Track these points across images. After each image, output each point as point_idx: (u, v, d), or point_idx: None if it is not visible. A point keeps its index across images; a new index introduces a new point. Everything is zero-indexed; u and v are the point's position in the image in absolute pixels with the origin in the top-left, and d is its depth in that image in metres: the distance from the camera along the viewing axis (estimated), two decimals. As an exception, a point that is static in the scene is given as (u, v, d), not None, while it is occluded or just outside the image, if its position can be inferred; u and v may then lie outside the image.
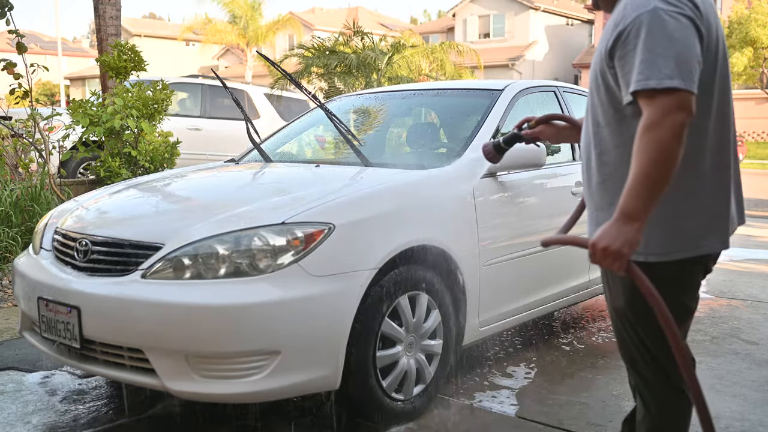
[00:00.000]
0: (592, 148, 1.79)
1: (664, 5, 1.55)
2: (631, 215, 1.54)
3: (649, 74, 1.53)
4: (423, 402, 2.74)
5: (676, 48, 1.52)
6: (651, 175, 1.52)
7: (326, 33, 23.32)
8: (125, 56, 6.20)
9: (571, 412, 2.83)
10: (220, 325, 2.23)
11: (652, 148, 1.52)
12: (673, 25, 1.54)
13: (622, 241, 1.55)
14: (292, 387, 2.34)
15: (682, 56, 1.52)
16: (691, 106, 1.52)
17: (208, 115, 9.31)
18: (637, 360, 1.86)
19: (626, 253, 1.56)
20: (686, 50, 1.53)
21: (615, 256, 1.57)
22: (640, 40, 1.56)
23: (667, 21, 1.54)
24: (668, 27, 1.54)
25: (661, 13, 1.55)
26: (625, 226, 1.55)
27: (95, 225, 2.75)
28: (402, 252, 2.57)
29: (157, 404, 2.88)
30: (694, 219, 1.69)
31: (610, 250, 1.56)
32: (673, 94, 1.51)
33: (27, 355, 3.46)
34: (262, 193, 2.96)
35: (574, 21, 35.45)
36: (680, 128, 1.51)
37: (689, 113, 1.52)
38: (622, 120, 1.68)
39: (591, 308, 4.59)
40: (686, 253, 1.70)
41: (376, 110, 4.04)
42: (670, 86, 1.50)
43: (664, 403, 1.85)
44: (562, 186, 3.51)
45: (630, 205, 1.54)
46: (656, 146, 1.51)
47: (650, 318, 1.70)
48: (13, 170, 6.05)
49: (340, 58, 13.55)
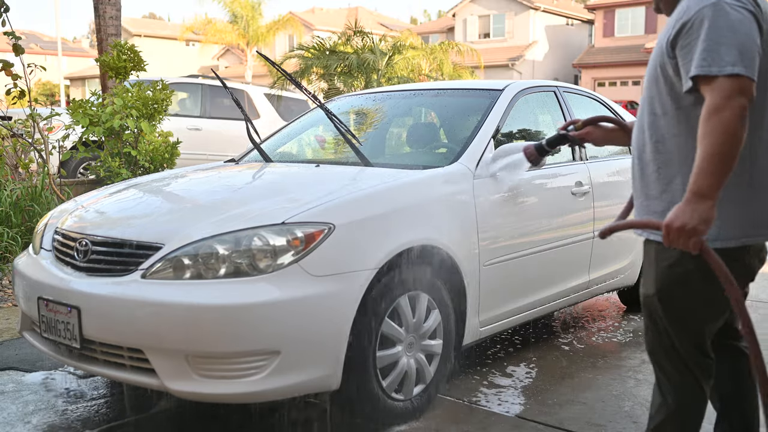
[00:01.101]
0: (647, 138, 1.86)
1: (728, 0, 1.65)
2: (704, 193, 1.62)
3: (711, 61, 1.62)
4: (423, 402, 2.74)
5: (739, 38, 1.62)
6: (719, 155, 1.61)
7: (326, 33, 23.33)
8: (125, 56, 6.20)
9: (571, 412, 2.83)
10: (220, 325, 2.23)
11: (718, 131, 1.60)
12: (736, 16, 1.64)
13: (697, 219, 1.62)
14: (292, 387, 2.34)
15: (745, 45, 1.62)
16: (752, 91, 1.62)
17: (208, 115, 9.30)
18: (657, 350, 1.91)
19: (701, 230, 1.63)
20: (748, 40, 1.63)
21: (690, 234, 1.63)
22: (703, 30, 1.65)
23: (731, 13, 1.64)
24: (731, 18, 1.64)
25: (725, 5, 1.65)
26: (698, 204, 1.63)
27: (95, 225, 2.75)
28: (402, 252, 2.57)
29: (157, 404, 2.88)
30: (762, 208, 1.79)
31: (686, 228, 1.63)
32: (735, 79, 1.60)
33: (27, 355, 3.46)
34: (262, 193, 2.96)
35: (574, 21, 35.46)
36: (743, 110, 1.60)
37: (750, 98, 1.61)
38: (680, 109, 1.77)
39: (591, 308, 4.59)
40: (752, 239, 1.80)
41: (376, 110, 4.04)
42: (732, 72, 1.60)
43: (681, 394, 1.90)
44: (562, 186, 3.50)
45: (702, 184, 1.62)
46: (722, 128, 1.60)
47: (676, 309, 1.80)
48: (13, 170, 6.05)
49: (340, 59, 13.55)
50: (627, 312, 4.45)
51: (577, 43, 34.99)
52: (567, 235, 3.46)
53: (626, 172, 4.05)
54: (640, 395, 3.00)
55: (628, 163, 4.13)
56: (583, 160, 3.75)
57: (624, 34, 31.43)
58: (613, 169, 3.94)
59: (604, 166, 3.89)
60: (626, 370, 3.31)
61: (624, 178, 4.00)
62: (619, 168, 4.01)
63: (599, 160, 3.89)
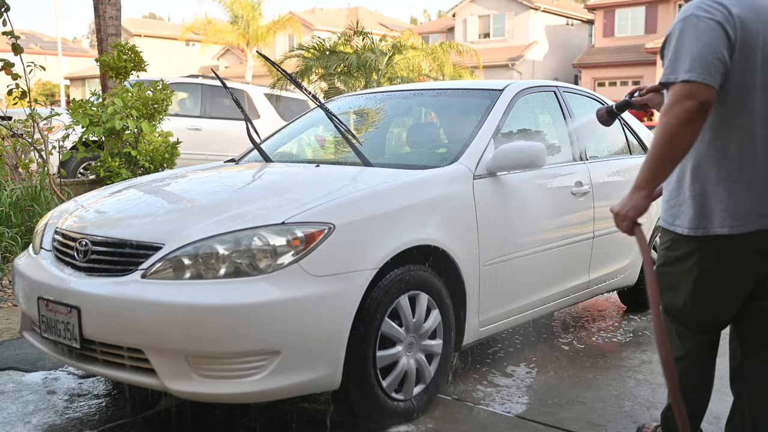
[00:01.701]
0: None
1: (699, 12, 1.83)
2: (639, 185, 1.89)
3: (672, 70, 1.83)
4: (423, 402, 2.74)
5: (698, 47, 1.79)
6: (657, 153, 1.83)
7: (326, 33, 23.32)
8: (125, 56, 6.20)
9: (571, 412, 2.83)
10: (220, 325, 2.23)
11: (660, 130, 1.81)
12: (702, 27, 1.81)
13: (629, 207, 1.92)
14: (292, 387, 2.34)
15: (701, 54, 1.79)
16: (701, 95, 1.77)
17: (208, 115, 9.30)
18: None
19: (632, 216, 1.92)
20: (706, 49, 1.79)
21: (623, 218, 1.94)
22: (674, 41, 1.86)
23: (698, 25, 1.82)
24: (697, 29, 1.81)
25: (694, 18, 1.83)
26: (634, 194, 1.91)
27: (95, 225, 2.75)
28: (402, 252, 2.57)
29: (157, 404, 2.88)
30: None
31: (620, 213, 1.94)
32: (685, 85, 1.78)
33: (27, 355, 3.46)
34: (262, 193, 2.96)
35: (574, 21, 35.45)
36: (686, 113, 1.78)
37: (698, 101, 1.77)
38: None
39: (591, 308, 4.59)
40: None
41: (376, 110, 4.04)
42: (684, 78, 1.78)
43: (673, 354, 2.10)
44: (562, 186, 3.50)
45: (639, 177, 1.89)
46: (664, 129, 1.80)
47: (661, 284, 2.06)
48: (13, 170, 6.06)
49: (340, 59, 13.55)
50: (627, 312, 4.45)
51: (577, 43, 34.98)
52: (567, 235, 3.46)
53: (626, 172, 4.05)
54: (640, 395, 3.00)
55: (628, 163, 4.14)
56: (583, 160, 3.75)
57: (624, 34, 31.42)
58: (613, 169, 3.94)
59: (604, 166, 3.89)
60: (626, 370, 3.31)
61: (624, 178, 4.00)
62: (619, 168, 4.02)
63: (599, 160, 3.89)
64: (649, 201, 1.89)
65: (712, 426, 2.67)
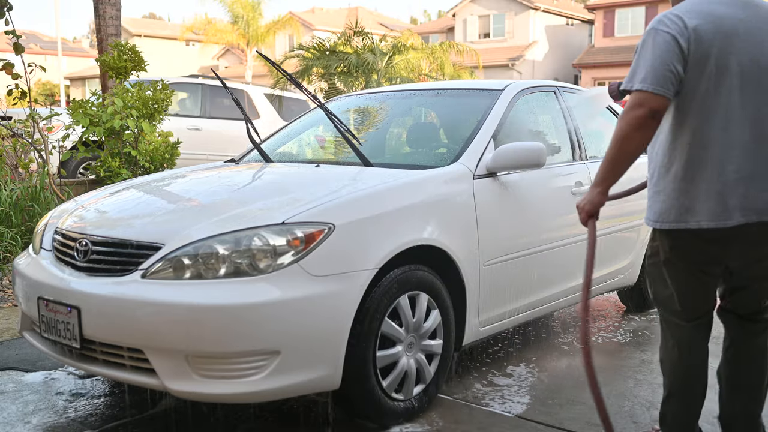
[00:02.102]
0: None
1: (659, 25, 2.00)
2: (596, 182, 2.15)
3: (629, 79, 2.02)
4: (423, 402, 2.74)
5: (653, 59, 1.97)
6: (611, 155, 2.06)
7: (326, 33, 23.32)
8: (125, 56, 6.20)
9: (571, 412, 2.83)
10: (220, 325, 2.23)
11: (615, 134, 2.02)
12: (659, 40, 1.98)
13: (585, 201, 2.20)
14: (292, 387, 2.34)
15: (654, 66, 1.96)
16: (651, 103, 1.95)
17: (208, 115, 9.30)
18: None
19: (588, 209, 2.20)
20: (659, 61, 1.96)
21: (581, 211, 2.22)
22: (637, 52, 2.04)
23: (656, 37, 1.99)
24: (655, 41, 1.98)
25: (654, 30, 2.01)
26: (592, 190, 2.17)
27: (95, 225, 2.75)
28: (402, 252, 2.57)
29: (157, 404, 2.88)
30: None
31: (579, 206, 2.23)
32: (638, 94, 1.97)
33: (27, 355, 3.46)
34: (262, 193, 2.96)
35: (574, 21, 35.45)
36: (636, 120, 1.97)
37: (649, 109, 1.95)
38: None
39: (591, 308, 4.59)
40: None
41: (376, 110, 4.04)
42: (637, 88, 1.97)
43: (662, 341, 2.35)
44: (562, 186, 3.51)
45: (596, 175, 2.15)
46: (617, 133, 2.01)
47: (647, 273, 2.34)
48: (13, 170, 6.06)
49: (340, 59, 13.56)
50: (627, 312, 4.45)
51: (577, 43, 34.98)
52: (567, 235, 3.46)
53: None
54: (640, 395, 3.00)
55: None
56: (583, 160, 3.75)
57: (624, 34, 31.42)
58: (613, 169, 3.93)
59: (604, 166, 3.88)
60: (626, 370, 3.31)
61: (624, 177, 4.00)
62: (619, 168, 4.01)
63: (599, 160, 3.88)
64: (604, 197, 2.15)
65: (712, 426, 2.67)
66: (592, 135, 3.94)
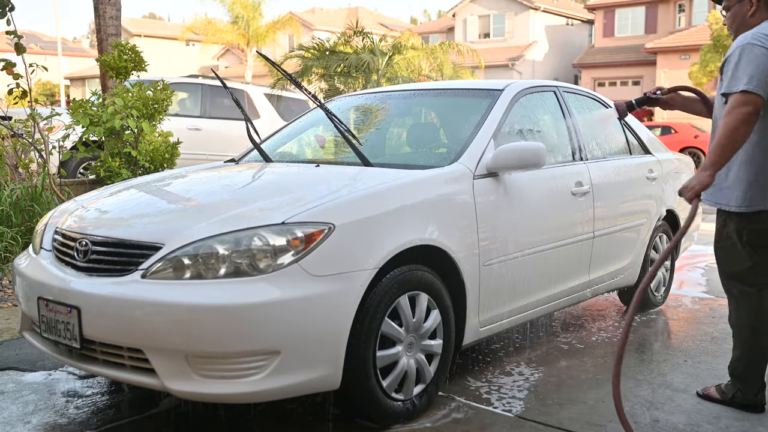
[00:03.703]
0: None
1: (753, 41, 2.51)
2: (705, 166, 2.52)
3: (733, 83, 2.50)
4: (423, 402, 2.74)
5: (752, 67, 2.47)
6: (721, 144, 2.47)
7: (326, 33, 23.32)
8: (125, 56, 6.20)
9: (571, 412, 2.83)
10: (220, 325, 2.23)
11: (723, 127, 2.47)
12: (757, 52, 2.48)
13: (695, 182, 2.53)
14: (292, 387, 2.34)
15: (756, 72, 2.46)
16: (756, 102, 2.44)
17: (208, 115, 9.30)
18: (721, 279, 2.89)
19: (697, 189, 2.52)
20: (759, 69, 2.46)
21: (689, 190, 2.54)
22: (733, 63, 2.53)
23: (753, 50, 2.49)
24: (753, 53, 2.48)
25: (749, 45, 2.50)
26: (702, 172, 2.52)
27: (95, 225, 2.75)
28: (402, 252, 2.57)
29: (157, 404, 2.88)
30: None
31: (688, 187, 2.54)
32: (743, 94, 2.46)
33: (27, 355, 3.46)
34: (262, 193, 2.95)
35: (574, 21, 35.46)
36: (744, 115, 2.44)
37: (754, 106, 2.45)
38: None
39: (591, 308, 4.59)
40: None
41: (376, 110, 4.04)
42: (742, 89, 2.45)
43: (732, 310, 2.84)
44: (562, 186, 3.50)
45: (707, 160, 2.52)
46: (726, 126, 2.46)
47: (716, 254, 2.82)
48: (13, 170, 6.06)
49: (340, 59, 13.55)
50: (627, 312, 4.44)
51: (577, 43, 34.99)
52: (567, 235, 3.46)
53: (626, 172, 4.05)
54: (640, 395, 3.00)
55: (627, 163, 4.14)
56: (583, 160, 3.75)
57: (624, 34, 31.44)
58: (613, 169, 3.94)
59: (604, 166, 3.89)
60: (626, 370, 3.31)
61: (624, 178, 4.01)
62: (619, 168, 4.02)
63: (599, 160, 3.89)
64: (712, 179, 2.50)
65: (712, 426, 2.68)
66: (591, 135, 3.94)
